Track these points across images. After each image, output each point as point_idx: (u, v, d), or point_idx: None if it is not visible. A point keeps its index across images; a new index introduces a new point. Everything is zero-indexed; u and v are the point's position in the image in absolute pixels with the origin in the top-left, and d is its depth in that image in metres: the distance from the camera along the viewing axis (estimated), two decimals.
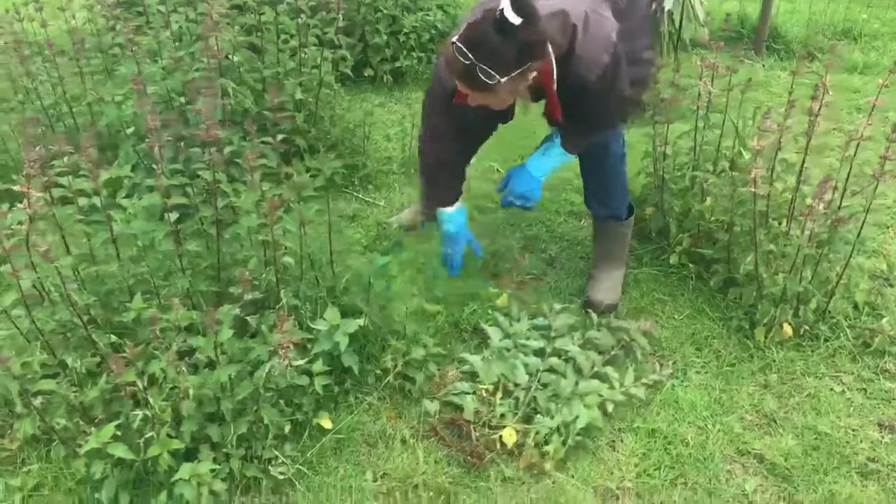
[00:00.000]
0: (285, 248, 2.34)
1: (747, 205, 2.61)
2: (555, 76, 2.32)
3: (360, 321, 2.42)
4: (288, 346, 2.03)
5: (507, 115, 2.58)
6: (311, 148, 3.54)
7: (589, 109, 2.46)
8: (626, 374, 2.52)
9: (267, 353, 2.12)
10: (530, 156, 2.77)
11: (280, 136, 2.77)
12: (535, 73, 2.18)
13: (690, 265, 3.05)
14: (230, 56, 3.22)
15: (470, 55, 2.08)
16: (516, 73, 2.12)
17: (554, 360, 2.53)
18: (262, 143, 2.69)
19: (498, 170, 3.72)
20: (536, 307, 2.86)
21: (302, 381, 2.20)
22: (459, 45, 2.09)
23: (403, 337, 2.54)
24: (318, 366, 2.29)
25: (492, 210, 3.40)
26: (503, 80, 2.11)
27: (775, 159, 2.58)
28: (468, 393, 2.43)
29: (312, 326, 2.37)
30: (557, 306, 2.88)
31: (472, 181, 3.18)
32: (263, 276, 2.37)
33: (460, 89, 2.27)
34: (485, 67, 2.08)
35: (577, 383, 2.44)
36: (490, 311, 2.83)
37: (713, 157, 3.02)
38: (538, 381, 2.46)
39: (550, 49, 2.22)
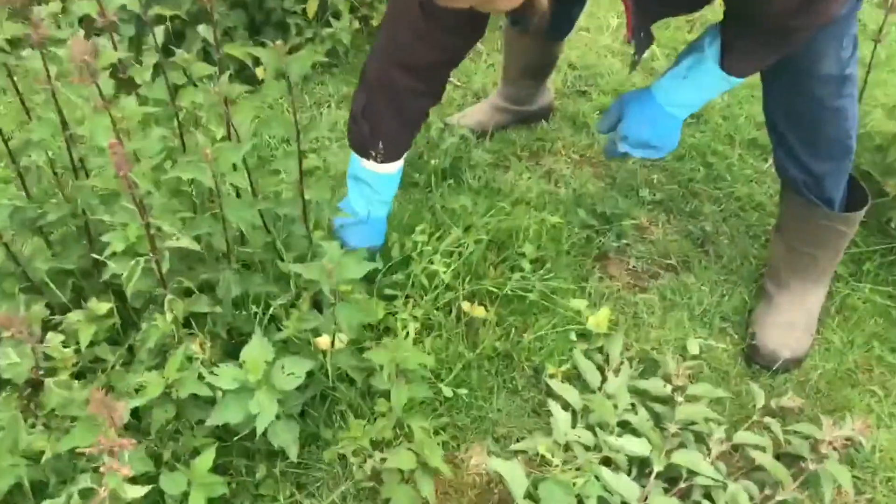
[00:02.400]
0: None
1: None
2: None
3: (311, 363, 1.28)
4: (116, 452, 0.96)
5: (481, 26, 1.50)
6: None
7: None
8: None
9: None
10: (661, 76, 1.49)
11: None
12: None
13: None
14: None
15: None
16: None
17: None
18: None
19: None
20: (657, 349, 1.61)
21: None
22: None
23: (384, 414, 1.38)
24: (205, 460, 1.20)
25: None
26: None
27: None
28: None
29: (208, 381, 1.24)
30: (695, 346, 1.62)
31: None
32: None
33: None
34: None
35: None
36: (570, 344, 1.60)
37: None
38: None
39: None
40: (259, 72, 2.16)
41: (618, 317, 1.69)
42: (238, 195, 1.44)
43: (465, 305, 1.63)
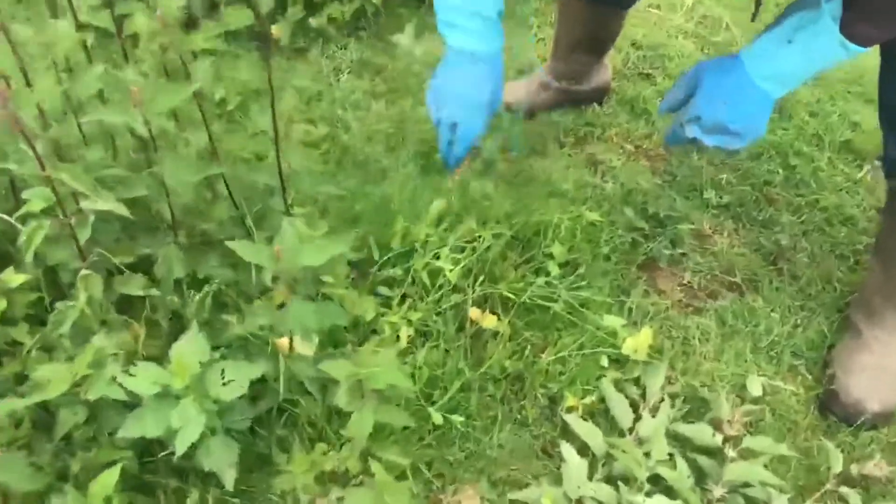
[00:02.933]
0: None
1: None
2: None
3: (259, 369, 1.01)
4: None
5: None
6: None
7: None
8: None
9: None
10: (754, 40, 1.16)
11: None
12: None
13: None
14: None
15: None
16: None
17: None
18: None
19: None
20: (708, 386, 1.29)
21: None
22: None
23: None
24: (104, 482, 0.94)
25: None
26: None
27: None
28: None
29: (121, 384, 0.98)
30: (756, 385, 1.30)
31: None
32: None
33: None
34: None
35: None
36: (599, 370, 1.29)
37: None
38: None
39: None
40: (275, 30, 1.90)
41: (662, 342, 1.37)
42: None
43: (474, 312, 1.33)
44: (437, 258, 1.34)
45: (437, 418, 1.20)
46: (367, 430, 1.00)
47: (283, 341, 1.14)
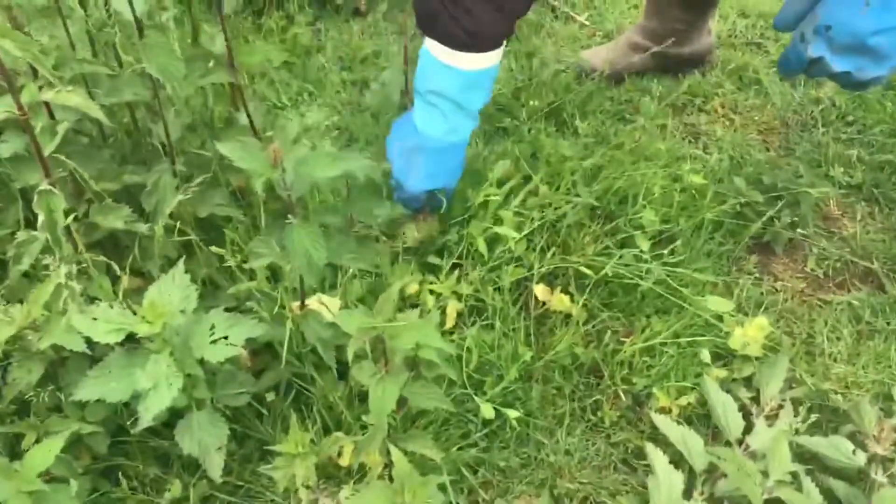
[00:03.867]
0: None
1: None
2: None
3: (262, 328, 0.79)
4: None
5: None
6: None
7: None
8: None
9: None
10: None
11: None
12: None
13: None
14: None
15: None
16: None
17: None
18: None
19: None
20: (843, 394, 0.99)
21: None
22: None
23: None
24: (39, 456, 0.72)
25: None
26: None
27: None
28: None
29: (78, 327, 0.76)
30: None
31: None
32: None
33: None
34: None
35: None
36: (699, 366, 1.01)
37: None
38: None
39: None
40: None
41: (780, 336, 1.08)
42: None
43: (539, 290, 1.07)
44: (499, 223, 1.09)
45: (488, 411, 0.94)
46: (388, 407, 0.75)
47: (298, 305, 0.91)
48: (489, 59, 1.01)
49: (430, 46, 1.00)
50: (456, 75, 1.00)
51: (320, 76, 1.52)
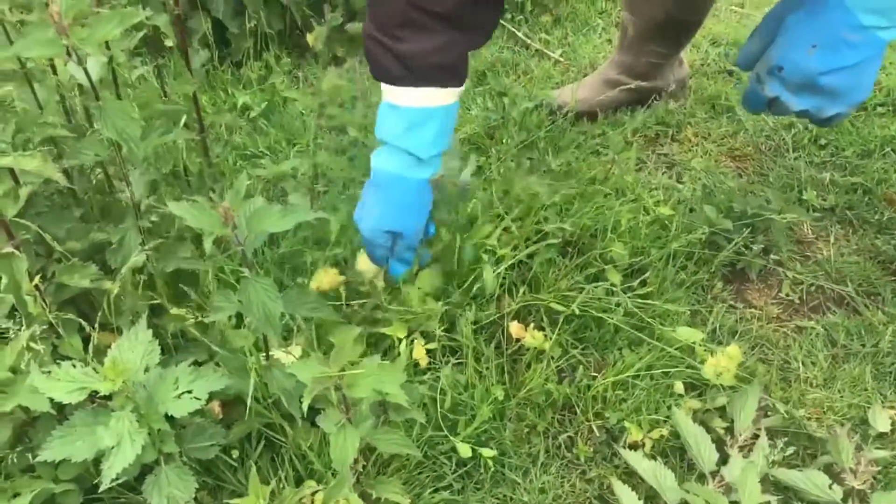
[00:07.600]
0: None
1: None
2: None
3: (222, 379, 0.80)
4: None
5: None
6: None
7: None
8: None
9: None
10: None
11: None
12: None
13: None
14: None
15: None
16: None
17: None
18: None
19: None
20: (818, 420, 0.99)
21: None
22: None
23: None
24: None
25: None
26: None
27: None
28: None
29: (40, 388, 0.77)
30: (884, 420, 1.01)
31: None
32: None
33: None
34: None
35: None
36: (672, 397, 1.01)
37: None
38: None
39: None
40: (310, 38, 1.74)
41: (755, 364, 1.08)
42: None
43: (514, 327, 1.08)
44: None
45: (465, 450, 0.94)
46: (349, 456, 0.75)
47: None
48: (436, 98, 0.96)
49: (382, 92, 1.00)
50: (399, 115, 0.97)
51: (297, 123, 1.54)
